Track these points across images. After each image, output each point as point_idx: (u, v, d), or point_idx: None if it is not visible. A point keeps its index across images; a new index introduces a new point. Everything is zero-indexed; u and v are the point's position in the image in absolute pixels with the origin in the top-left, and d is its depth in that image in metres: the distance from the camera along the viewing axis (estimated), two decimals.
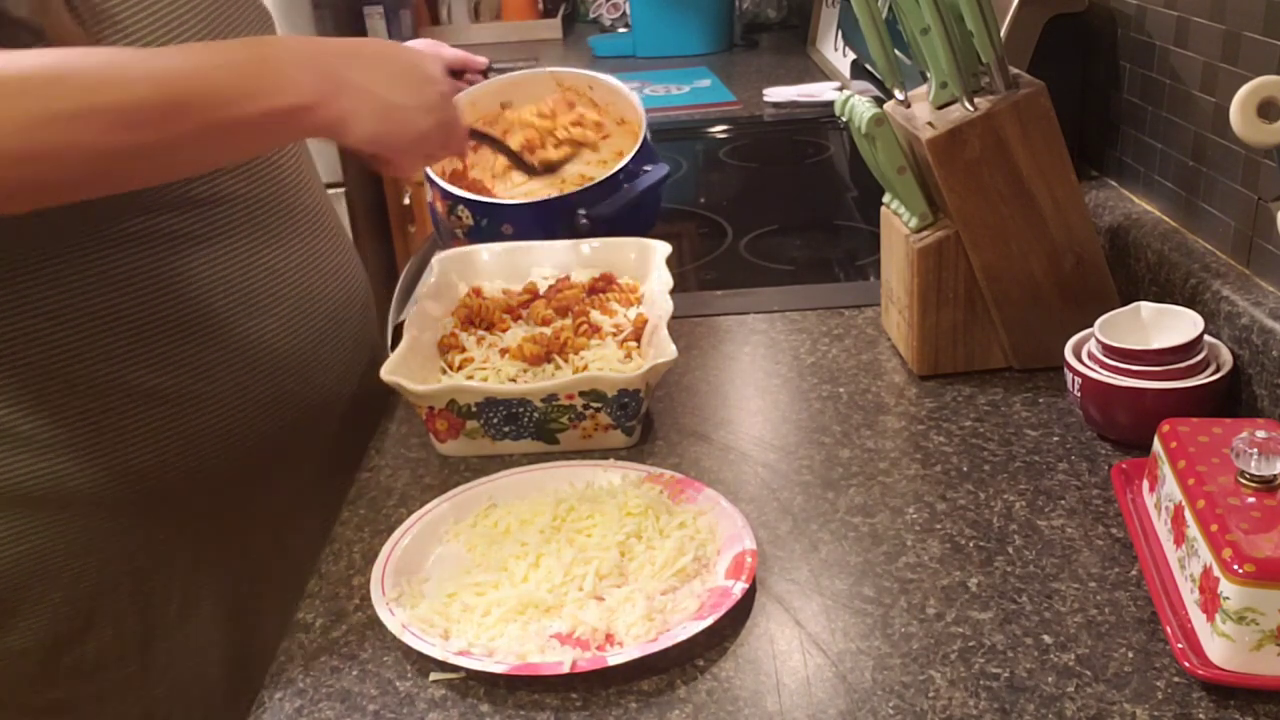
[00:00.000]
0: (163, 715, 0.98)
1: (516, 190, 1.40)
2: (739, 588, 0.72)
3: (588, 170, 1.41)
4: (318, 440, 1.01)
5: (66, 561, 0.90)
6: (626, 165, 1.25)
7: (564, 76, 1.39)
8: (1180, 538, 0.70)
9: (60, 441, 0.87)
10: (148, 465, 0.90)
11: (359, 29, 2.73)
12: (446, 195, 1.25)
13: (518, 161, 1.26)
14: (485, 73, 1.38)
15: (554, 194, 1.29)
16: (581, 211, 1.22)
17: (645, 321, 1.01)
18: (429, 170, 1.26)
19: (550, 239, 1.16)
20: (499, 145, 1.25)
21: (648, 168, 1.28)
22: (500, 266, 1.14)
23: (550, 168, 1.30)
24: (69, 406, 0.86)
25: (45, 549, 0.89)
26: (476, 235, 1.24)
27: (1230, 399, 0.88)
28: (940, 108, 0.96)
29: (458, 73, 1.36)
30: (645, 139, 1.29)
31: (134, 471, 0.90)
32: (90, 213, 0.83)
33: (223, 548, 0.98)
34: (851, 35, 2.03)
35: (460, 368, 0.97)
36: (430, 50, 1.32)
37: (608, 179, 1.24)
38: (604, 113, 1.39)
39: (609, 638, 0.70)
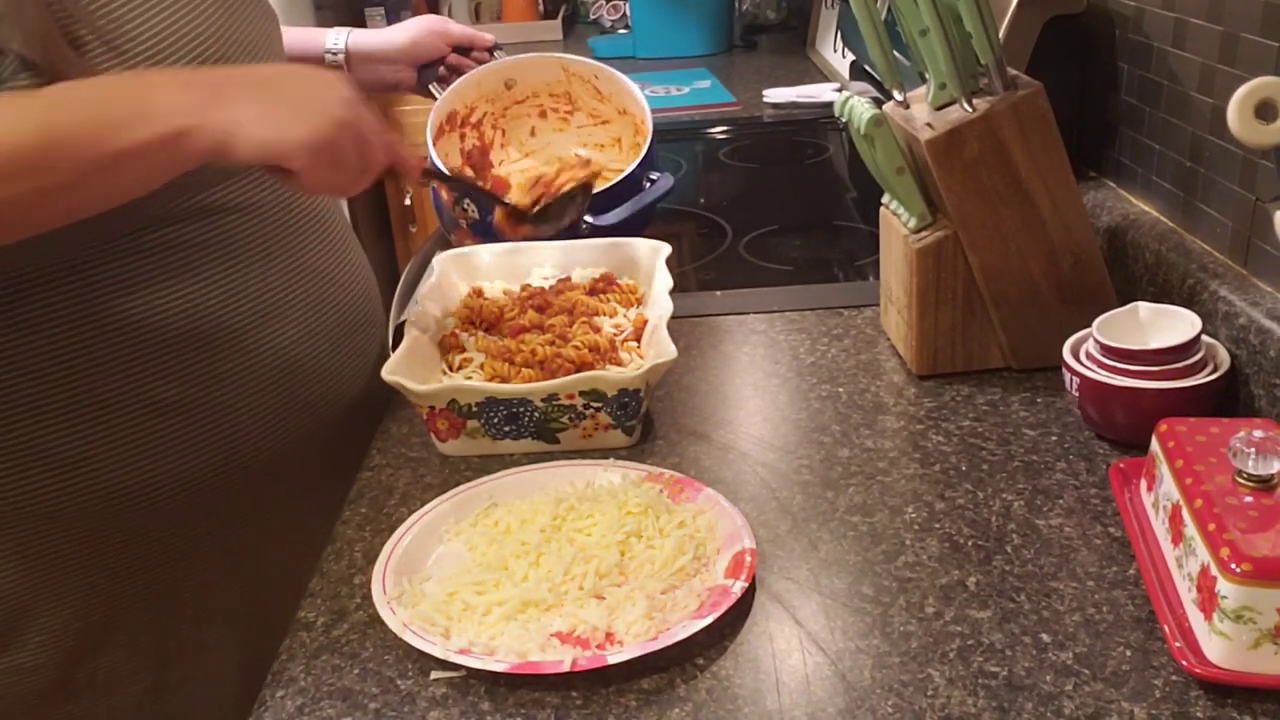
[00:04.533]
0: None
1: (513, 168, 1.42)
2: (738, 587, 0.72)
3: (598, 156, 1.43)
4: (323, 442, 1.01)
5: (79, 577, 0.90)
6: (631, 172, 1.26)
7: (570, 63, 1.41)
8: (1178, 537, 0.70)
9: (77, 456, 0.86)
10: (161, 477, 0.90)
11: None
12: (454, 187, 1.25)
13: (493, 201, 1.21)
14: (492, 51, 1.38)
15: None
16: (588, 219, 1.22)
17: (645, 321, 1.01)
18: (438, 164, 1.26)
19: (551, 239, 1.16)
20: (468, 188, 1.22)
21: (653, 175, 1.29)
22: (500, 267, 1.14)
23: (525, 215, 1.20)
24: (86, 421, 0.86)
25: (57, 564, 0.89)
26: (481, 230, 1.24)
27: (1228, 399, 0.88)
28: (939, 109, 0.96)
29: (464, 50, 1.36)
30: (651, 144, 1.30)
31: (147, 484, 0.89)
32: (104, 227, 0.82)
33: (233, 556, 0.97)
34: (851, 36, 2.03)
35: (460, 368, 0.97)
36: (436, 26, 1.33)
37: (614, 186, 1.24)
38: (607, 100, 1.40)
39: (609, 636, 0.70)
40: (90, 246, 0.84)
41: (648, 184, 1.29)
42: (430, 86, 1.34)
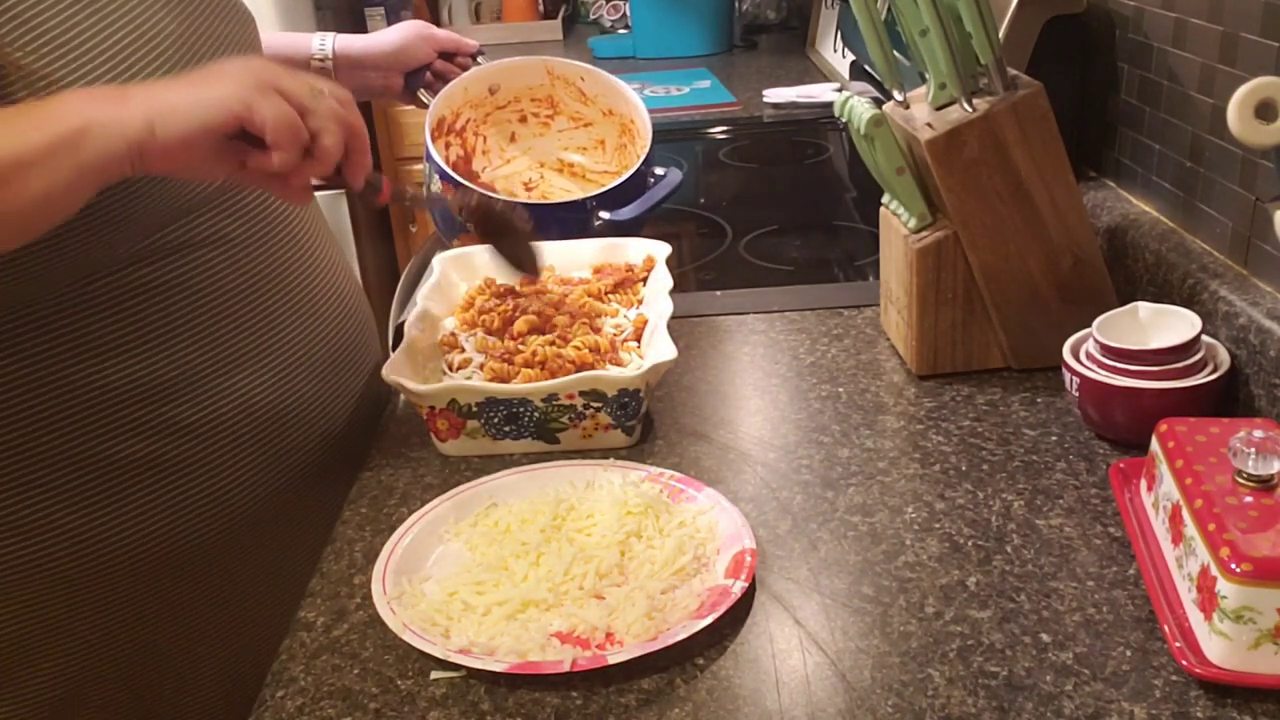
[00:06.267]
0: None
1: (504, 170, 1.42)
2: (738, 587, 0.72)
3: (580, 160, 1.43)
4: (311, 480, 0.97)
5: (48, 646, 0.86)
6: (636, 170, 1.26)
7: (555, 65, 1.41)
8: (1178, 537, 0.70)
9: (38, 521, 0.83)
10: (131, 539, 0.86)
11: (359, 30, 2.72)
12: (459, 189, 1.25)
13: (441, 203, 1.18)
14: (475, 57, 1.38)
15: (577, 194, 1.30)
16: (605, 215, 1.22)
17: (645, 321, 1.01)
18: (440, 162, 1.26)
19: (564, 239, 1.16)
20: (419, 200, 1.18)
21: (659, 170, 1.30)
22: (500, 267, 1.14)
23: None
24: (46, 483, 0.82)
25: (24, 634, 0.85)
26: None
27: (1228, 399, 0.88)
28: (939, 109, 0.96)
29: (449, 56, 1.37)
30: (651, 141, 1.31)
31: (117, 547, 0.85)
32: (57, 276, 0.79)
33: (219, 615, 0.93)
34: (851, 36, 2.03)
35: (460, 368, 0.97)
36: (422, 31, 1.31)
37: (627, 182, 1.24)
38: (591, 102, 1.40)
39: (609, 636, 0.70)
40: (41, 300, 0.80)
41: (652, 180, 1.28)
42: (419, 93, 1.34)
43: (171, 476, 0.87)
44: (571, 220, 1.21)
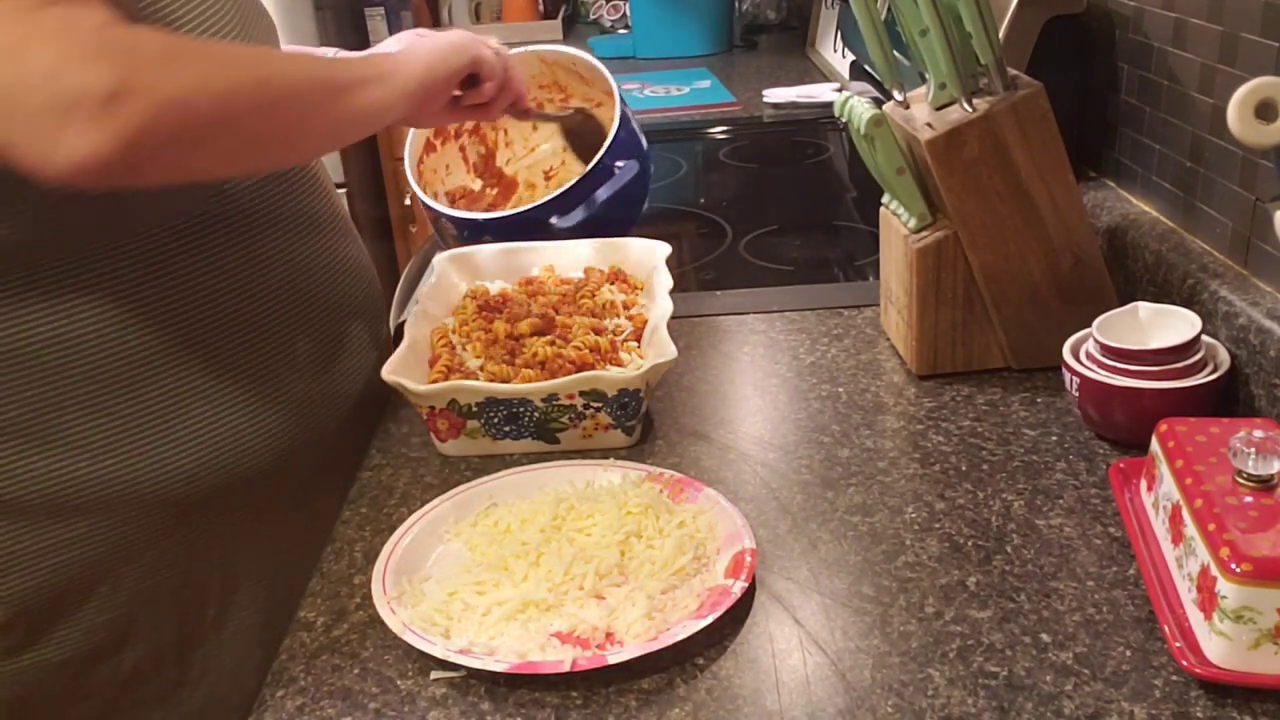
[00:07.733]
0: None
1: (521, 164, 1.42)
2: (738, 587, 0.72)
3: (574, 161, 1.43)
4: (334, 437, 1.01)
5: (107, 570, 0.90)
6: (599, 162, 1.23)
7: (548, 54, 1.41)
8: (1178, 537, 0.70)
9: (106, 446, 0.87)
10: (187, 466, 0.90)
11: (360, 30, 2.73)
12: (427, 209, 1.26)
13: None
14: None
15: (528, 201, 1.30)
16: (553, 220, 1.22)
17: (645, 321, 1.01)
18: (415, 187, 1.28)
19: (558, 238, 1.16)
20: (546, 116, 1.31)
21: (620, 164, 1.25)
22: (500, 266, 1.14)
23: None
24: (118, 410, 0.87)
25: (86, 558, 0.89)
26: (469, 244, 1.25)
27: (1228, 399, 0.88)
28: (939, 109, 0.96)
29: None
30: (619, 131, 1.26)
31: (174, 473, 0.90)
32: (142, 213, 0.84)
33: (255, 549, 0.97)
34: (851, 36, 2.03)
35: (451, 370, 0.96)
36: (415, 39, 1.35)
37: (575, 186, 1.23)
38: (594, 85, 1.40)
39: (609, 636, 0.70)
40: (127, 238, 0.85)
41: (617, 171, 1.25)
42: None
43: (225, 409, 0.91)
44: (531, 230, 1.21)
